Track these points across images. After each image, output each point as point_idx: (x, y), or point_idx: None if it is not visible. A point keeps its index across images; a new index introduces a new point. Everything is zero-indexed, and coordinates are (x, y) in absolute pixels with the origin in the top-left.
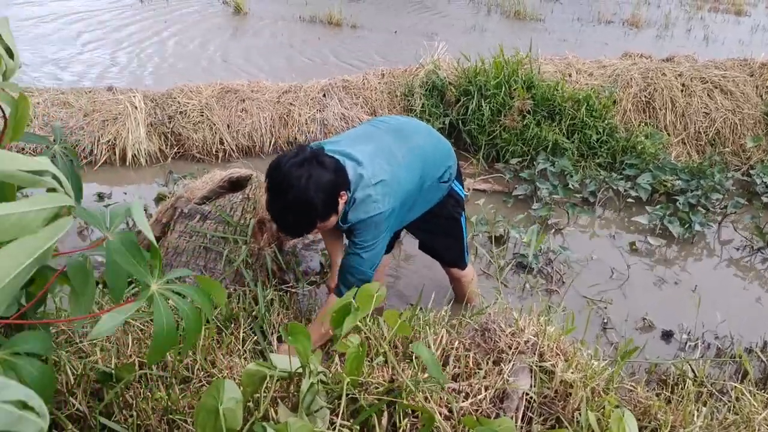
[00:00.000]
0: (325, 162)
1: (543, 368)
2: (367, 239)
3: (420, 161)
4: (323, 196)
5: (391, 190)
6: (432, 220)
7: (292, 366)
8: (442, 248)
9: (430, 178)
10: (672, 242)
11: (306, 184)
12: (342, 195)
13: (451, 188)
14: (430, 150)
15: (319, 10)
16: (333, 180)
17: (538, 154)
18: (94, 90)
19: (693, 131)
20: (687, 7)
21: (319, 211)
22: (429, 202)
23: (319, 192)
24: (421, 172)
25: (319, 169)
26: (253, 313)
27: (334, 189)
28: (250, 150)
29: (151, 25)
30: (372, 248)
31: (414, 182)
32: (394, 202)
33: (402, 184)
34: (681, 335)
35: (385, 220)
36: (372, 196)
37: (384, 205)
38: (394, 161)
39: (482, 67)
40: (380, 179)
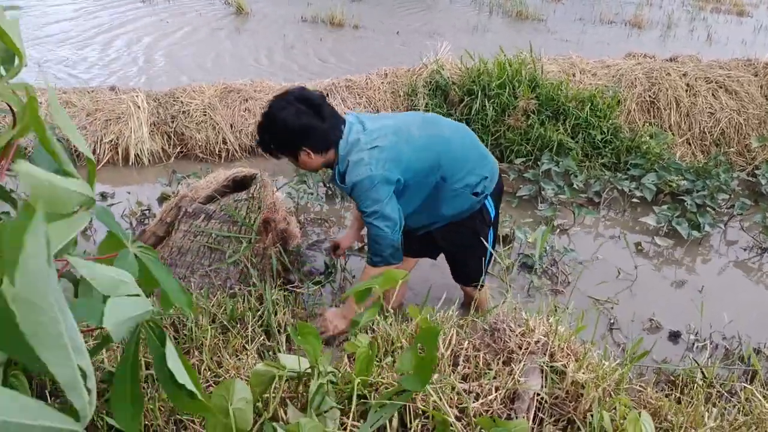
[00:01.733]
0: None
1: (554, 368)
2: (368, 205)
3: (437, 150)
4: (280, 133)
5: (387, 159)
6: (457, 230)
7: (301, 366)
8: (460, 262)
9: (451, 176)
10: (679, 243)
11: (276, 114)
12: (305, 149)
13: (484, 204)
14: (456, 146)
15: (321, 11)
16: (298, 131)
17: (542, 154)
18: (97, 89)
19: (698, 131)
20: (689, 7)
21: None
22: (454, 208)
23: (279, 126)
24: (435, 161)
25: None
26: (259, 313)
27: (293, 135)
28: (253, 150)
29: (154, 25)
30: (378, 214)
31: (423, 167)
32: (389, 172)
33: (403, 161)
34: (688, 336)
35: (378, 186)
36: (364, 160)
37: (374, 169)
38: (404, 137)
39: (485, 68)
40: (376, 145)
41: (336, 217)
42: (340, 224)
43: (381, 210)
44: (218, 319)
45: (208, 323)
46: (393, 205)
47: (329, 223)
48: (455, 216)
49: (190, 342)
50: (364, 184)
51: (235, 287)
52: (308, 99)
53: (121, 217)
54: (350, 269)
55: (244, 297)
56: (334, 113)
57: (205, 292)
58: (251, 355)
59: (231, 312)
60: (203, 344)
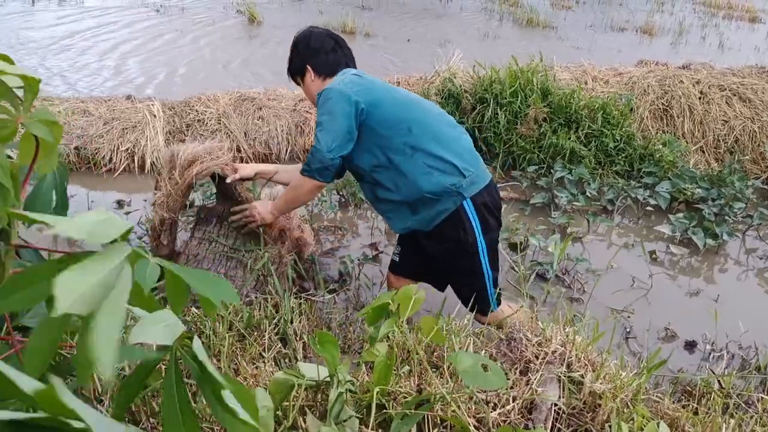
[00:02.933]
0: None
1: (571, 379)
2: (320, 115)
3: (412, 111)
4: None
5: (357, 84)
6: (440, 241)
7: (320, 375)
8: (454, 284)
9: (421, 146)
10: (694, 251)
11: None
12: (308, 69)
13: (462, 207)
14: (432, 120)
15: (333, 19)
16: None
17: (555, 162)
18: (113, 98)
19: (711, 139)
20: (701, 14)
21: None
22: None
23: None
24: (406, 120)
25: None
26: (275, 321)
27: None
28: (266, 157)
29: (168, 34)
30: (321, 127)
31: (391, 115)
32: (352, 93)
33: (374, 95)
34: (704, 345)
35: (335, 99)
36: (339, 80)
37: (339, 86)
38: (387, 87)
39: (497, 76)
40: (356, 74)
41: (349, 225)
42: (353, 232)
43: (326, 124)
44: (235, 327)
45: (225, 331)
46: (340, 125)
47: (343, 230)
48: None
49: (207, 350)
50: (326, 93)
51: (251, 295)
52: (330, 33)
53: (138, 225)
54: (365, 277)
55: (260, 305)
56: (349, 55)
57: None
58: (268, 363)
59: (248, 319)
60: (221, 352)
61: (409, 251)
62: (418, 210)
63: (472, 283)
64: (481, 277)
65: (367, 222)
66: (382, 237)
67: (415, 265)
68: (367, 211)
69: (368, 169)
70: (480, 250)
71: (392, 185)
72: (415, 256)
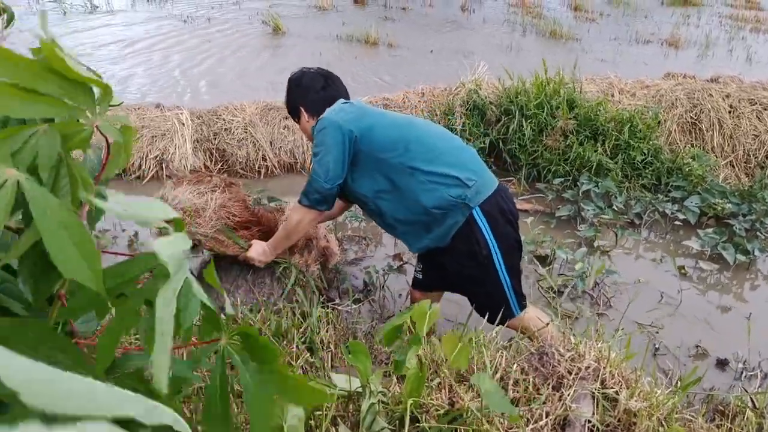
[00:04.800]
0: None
1: (605, 395)
2: (316, 146)
3: (405, 129)
4: (288, 91)
5: (348, 112)
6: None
7: (352, 385)
8: (471, 297)
9: (415, 165)
10: (724, 267)
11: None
12: (302, 109)
13: (472, 216)
14: (426, 135)
15: (356, 30)
16: (301, 92)
17: (581, 174)
18: (143, 107)
19: (742, 153)
20: (727, 27)
21: (286, 103)
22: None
23: (289, 90)
24: (401, 140)
25: (309, 79)
26: (301, 329)
27: (296, 97)
28: (291, 167)
29: (196, 44)
30: (317, 157)
31: (386, 139)
32: (344, 122)
33: (365, 122)
34: (736, 364)
35: (328, 130)
36: (329, 109)
37: (331, 116)
38: (377, 111)
39: (523, 87)
40: (346, 102)
41: (373, 235)
42: (377, 242)
43: (322, 155)
44: (264, 334)
45: None
46: (335, 155)
47: (367, 240)
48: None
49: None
50: (320, 124)
51: (279, 303)
52: (321, 71)
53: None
54: (390, 287)
55: (287, 313)
56: (341, 90)
57: (255, 307)
58: (297, 372)
59: (276, 328)
60: None
61: (430, 267)
62: (430, 228)
63: (491, 294)
64: (499, 287)
65: None
66: (406, 248)
67: (438, 280)
68: None
69: (371, 195)
70: (495, 260)
71: (398, 207)
72: (437, 272)
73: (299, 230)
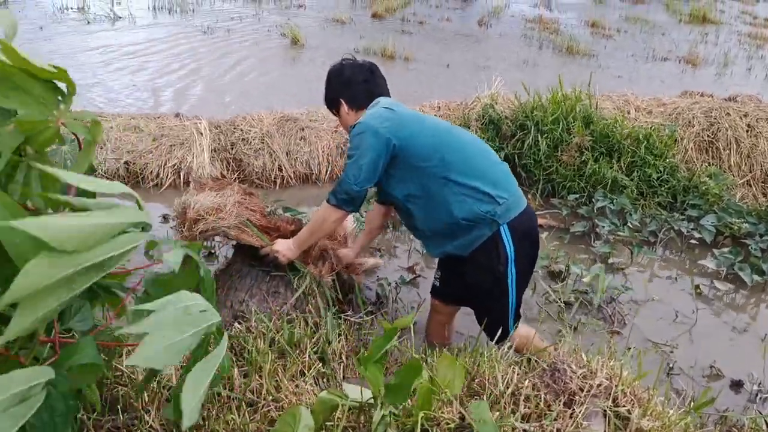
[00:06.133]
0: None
1: (617, 414)
2: (351, 149)
3: (445, 140)
4: (328, 82)
5: (389, 119)
6: (475, 268)
7: (363, 396)
8: (478, 311)
9: (451, 177)
10: (740, 287)
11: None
12: (341, 102)
13: (498, 233)
14: (465, 148)
15: (373, 43)
16: (344, 82)
17: (596, 191)
18: (163, 116)
19: (759, 173)
20: (746, 45)
21: (325, 93)
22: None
23: (330, 81)
24: (439, 150)
25: (350, 70)
26: (314, 339)
27: (339, 88)
28: (307, 177)
29: (214, 55)
30: (351, 159)
31: (424, 148)
32: (383, 129)
33: (406, 130)
34: (751, 386)
35: (366, 134)
36: (370, 113)
37: (371, 121)
38: (418, 118)
39: (539, 102)
40: (387, 107)
41: (387, 247)
42: (391, 254)
43: (356, 158)
44: (276, 344)
45: (267, 347)
46: (369, 160)
47: (380, 252)
48: (469, 229)
49: (249, 365)
50: (358, 128)
51: (292, 313)
52: (364, 63)
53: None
54: (402, 299)
55: (300, 323)
56: (383, 85)
57: (267, 317)
58: (309, 382)
59: (289, 337)
60: (262, 368)
61: (449, 275)
62: (456, 235)
63: (495, 310)
64: (506, 306)
65: (405, 245)
66: (419, 260)
67: (456, 289)
68: (404, 234)
69: (402, 199)
70: (509, 278)
71: (427, 213)
72: (456, 281)
73: (324, 228)
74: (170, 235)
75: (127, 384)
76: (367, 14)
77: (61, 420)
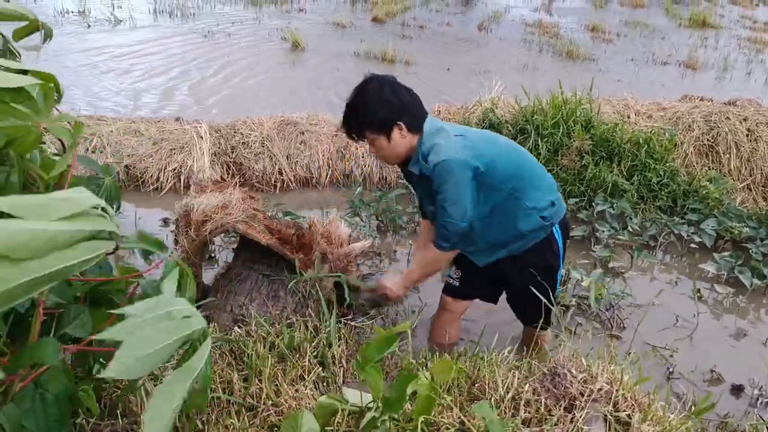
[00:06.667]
0: (399, 90)
1: (618, 418)
2: (443, 187)
3: (517, 161)
4: (381, 108)
5: (470, 147)
6: (529, 263)
7: (363, 401)
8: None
9: (525, 192)
10: (740, 291)
11: (374, 91)
12: (399, 125)
13: (552, 232)
14: (533, 164)
15: (374, 47)
16: (397, 104)
17: (596, 194)
18: (163, 120)
19: (759, 177)
20: (746, 50)
21: (371, 117)
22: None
23: (379, 102)
24: (516, 170)
25: (392, 90)
26: (314, 343)
27: (392, 110)
28: (307, 181)
29: (215, 59)
30: (449, 200)
31: (503, 171)
32: (471, 159)
33: (486, 156)
34: (752, 390)
35: (459, 169)
36: (450, 143)
37: (459, 153)
38: (485, 137)
39: (539, 107)
40: (460, 134)
41: (387, 251)
42: (391, 258)
43: (455, 197)
44: (276, 348)
45: (267, 352)
46: (467, 194)
47: (381, 256)
48: (528, 235)
49: (249, 370)
50: (447, 165)
51: (292, 317)
52: (386, 77)
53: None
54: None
55: (299, 327)
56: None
57: (267, 320)
58: (309, 386)
59: (289, 341)
60: (262, 372)
61: (472, 274)
62: (512, 243)
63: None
64: (551, 296)
65: (405, 248)
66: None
67: (479, 287)
68: (405, 238)
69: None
70: (559, 271)
71: (489, 228)
72: (479, 278)
73: (437, 270)
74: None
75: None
76: (368, 18)
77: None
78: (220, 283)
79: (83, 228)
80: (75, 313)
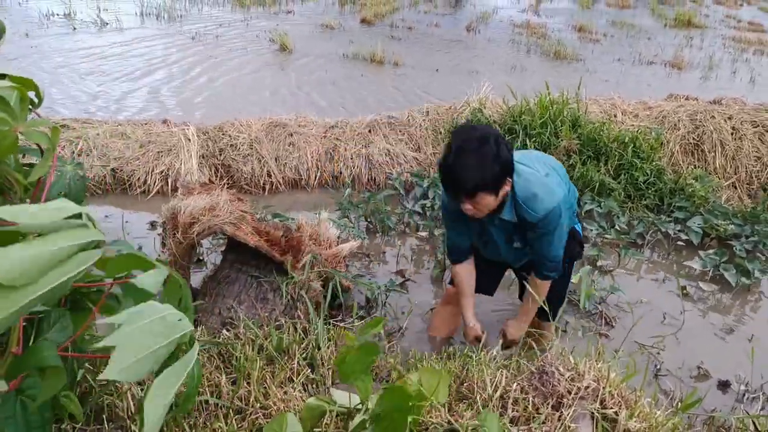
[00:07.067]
0: (506, 145)
1: (605, 416)
2: (557, 232)
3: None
4: (505, 162)
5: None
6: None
7: (351, 402)
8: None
9: (573, 202)
10: (725, 288)
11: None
12: (508, 181)
13: (574, 227)
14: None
15: (362, 49)
16: (509, 161)
17: (583, 194)
18: (150, 122)
19: (744, 175)
20: (731, 49)
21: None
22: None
23: (494, 164)
24: (567, 186)
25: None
26: (303, 345)
27: (506, 169)
28: (296, 183)
29: (203, 61)
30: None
31: (570, 195)
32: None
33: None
34: (738, 386)
35: (561, 211)
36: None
37: (557, 197)
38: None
39: (527, 107)
40: (547, 173)
41: (376, 252)
42: (380, 259)
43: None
44: (265, 350)
45: (255, 354)
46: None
47: (370, 257)
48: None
49: (238, 372)
50: (557, 210)
51: (281, 319)
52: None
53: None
54: (391, 304)
55: (288, 329)
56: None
57: (256, 323)
58: (297, 388)
59: (278, 343)
60: (250, 375)
61: (483, 268)
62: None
63: (563, 291)
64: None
65: (394, 249)
66: (408, 265)
67: (490, 281)
68: (394, 239)
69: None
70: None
71: None
72: (492, 271)
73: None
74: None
75: (112, 393)
76: (356, 20)
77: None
78: (209, 285)
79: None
80: (56, 318)
